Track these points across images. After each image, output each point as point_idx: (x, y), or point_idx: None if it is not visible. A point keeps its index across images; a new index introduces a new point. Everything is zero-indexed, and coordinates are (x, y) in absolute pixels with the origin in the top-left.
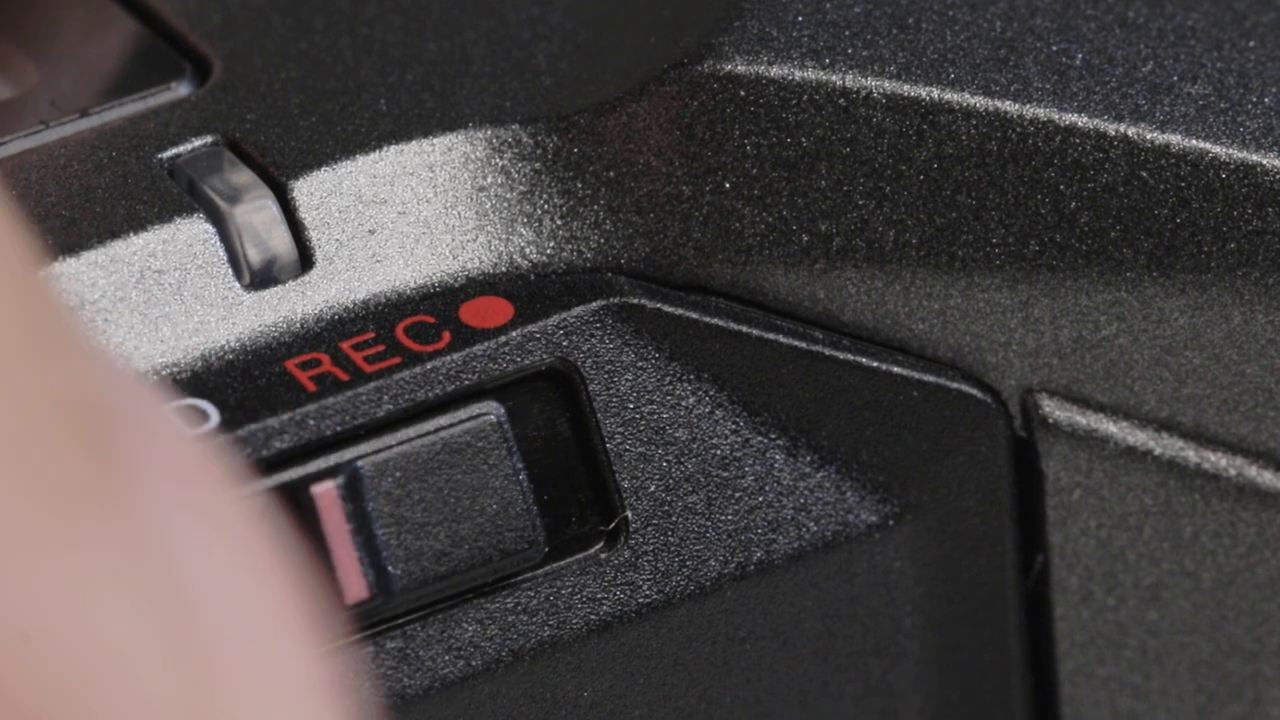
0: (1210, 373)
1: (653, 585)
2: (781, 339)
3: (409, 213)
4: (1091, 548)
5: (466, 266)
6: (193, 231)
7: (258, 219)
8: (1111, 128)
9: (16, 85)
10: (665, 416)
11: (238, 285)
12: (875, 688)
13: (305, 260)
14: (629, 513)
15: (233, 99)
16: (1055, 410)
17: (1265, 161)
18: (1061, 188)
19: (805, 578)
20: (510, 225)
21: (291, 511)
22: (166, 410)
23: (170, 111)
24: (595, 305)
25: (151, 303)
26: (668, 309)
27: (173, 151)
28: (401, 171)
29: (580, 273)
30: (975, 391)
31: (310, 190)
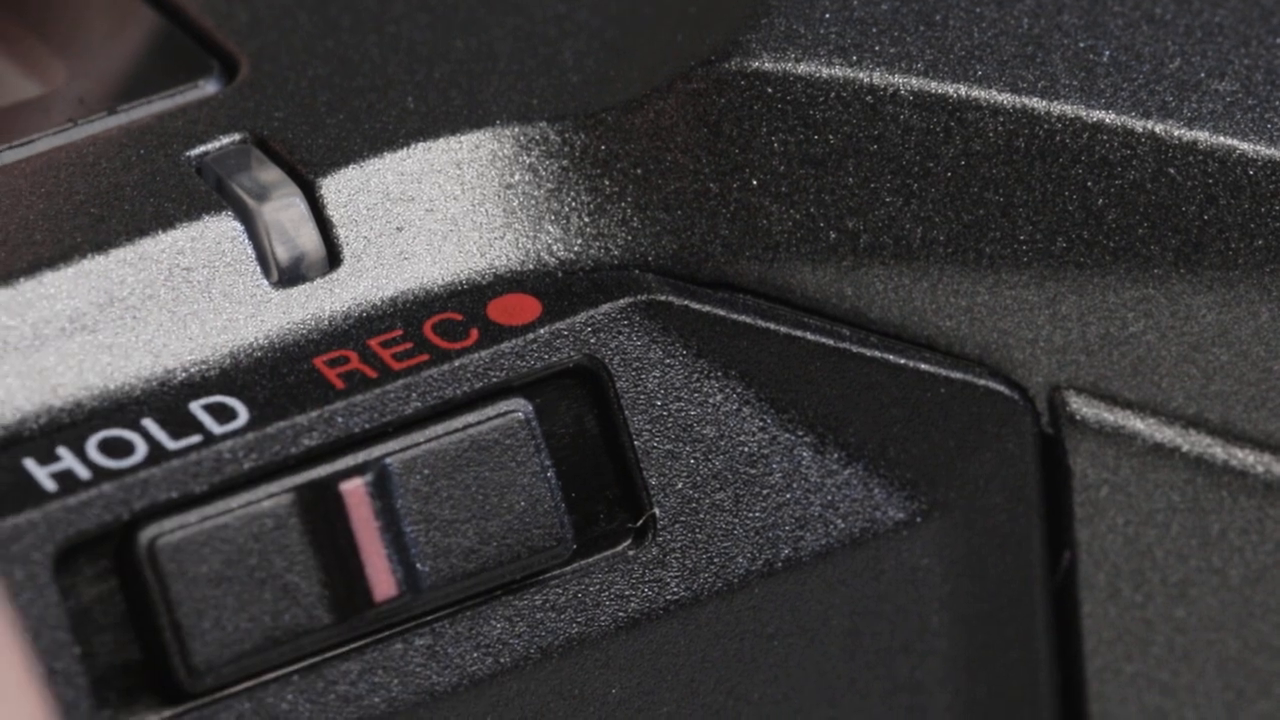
0: (1238, 369)
1: (680, 582)
2: (809, 336)
3: (437, 210)
4: (1119, 544)
5: (494, 264)
6: (221, 229)
7: (286, 216)
8: (1139, 124)
9: (45, 83)
10: (693, 413)
11: (266, 283)
12: (902, 685)
13: (333, 258)
14: (657, 510)
15: (260, 96)
16: (1083, 407)
17: None
18: (1089, 184)
19: (833, 575)
20: (538, 222)
21: (320, 509)
22: None
23: (198, 109)
24: (623, 302)
25: (179, 300)
26: (695, 306)
27: (201, 149)
28: (429, 169)
29: (608, 270)
30: (1003, 388)
31: (338, 188)
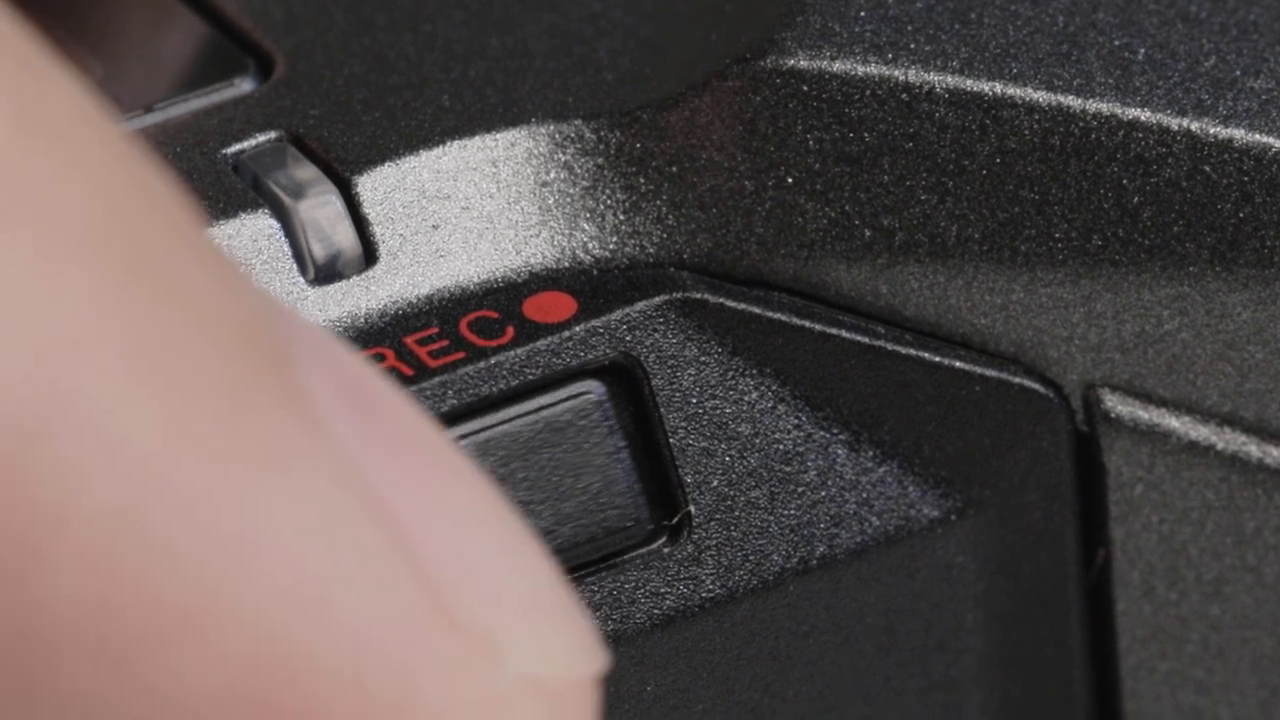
0: (1273, 367)
1: (715, 580)
2: (844, 334)
3: (472, 208)
4: (1153, 542)
5: (530, 261)
6: (257, 227)
7: (322, 214)
8: (1174, 122)
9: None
10: (728, 411)
11: (302, 280)
12: (937, 682)
13: (369, 255)
14: (692, 507)
15: (296, 95)
16: (1117, 405)
17: None
18: (1124, 182)
19: (867, 572)
20: (573, 220)
21: None
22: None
23: (234, 107)
24: (658, 300)
25: None
26: (730, 304)
27: (237, 147)
28: (465, 167)
29: (643, 268)
30: (1038, 386)
31: (374, 185)
